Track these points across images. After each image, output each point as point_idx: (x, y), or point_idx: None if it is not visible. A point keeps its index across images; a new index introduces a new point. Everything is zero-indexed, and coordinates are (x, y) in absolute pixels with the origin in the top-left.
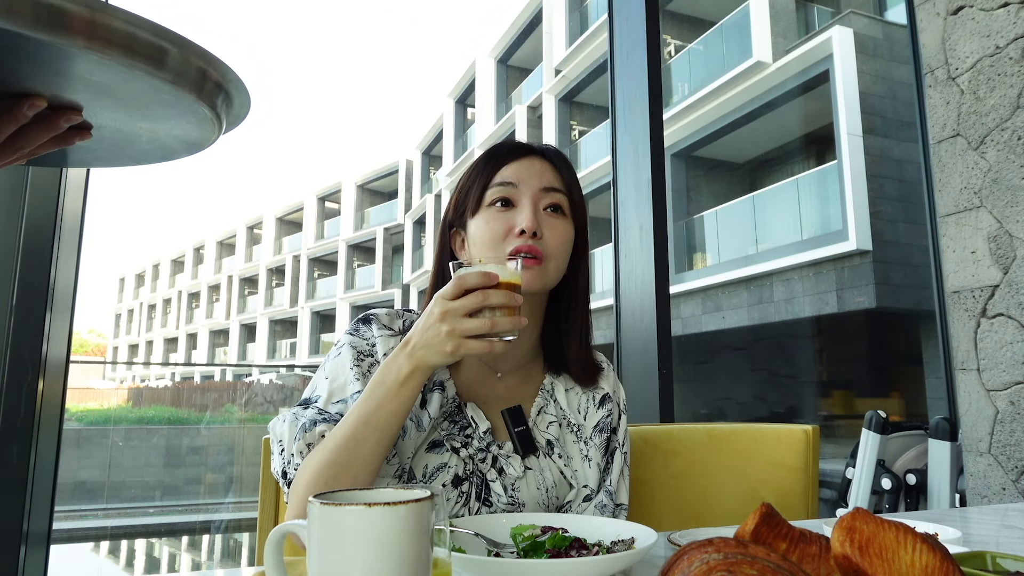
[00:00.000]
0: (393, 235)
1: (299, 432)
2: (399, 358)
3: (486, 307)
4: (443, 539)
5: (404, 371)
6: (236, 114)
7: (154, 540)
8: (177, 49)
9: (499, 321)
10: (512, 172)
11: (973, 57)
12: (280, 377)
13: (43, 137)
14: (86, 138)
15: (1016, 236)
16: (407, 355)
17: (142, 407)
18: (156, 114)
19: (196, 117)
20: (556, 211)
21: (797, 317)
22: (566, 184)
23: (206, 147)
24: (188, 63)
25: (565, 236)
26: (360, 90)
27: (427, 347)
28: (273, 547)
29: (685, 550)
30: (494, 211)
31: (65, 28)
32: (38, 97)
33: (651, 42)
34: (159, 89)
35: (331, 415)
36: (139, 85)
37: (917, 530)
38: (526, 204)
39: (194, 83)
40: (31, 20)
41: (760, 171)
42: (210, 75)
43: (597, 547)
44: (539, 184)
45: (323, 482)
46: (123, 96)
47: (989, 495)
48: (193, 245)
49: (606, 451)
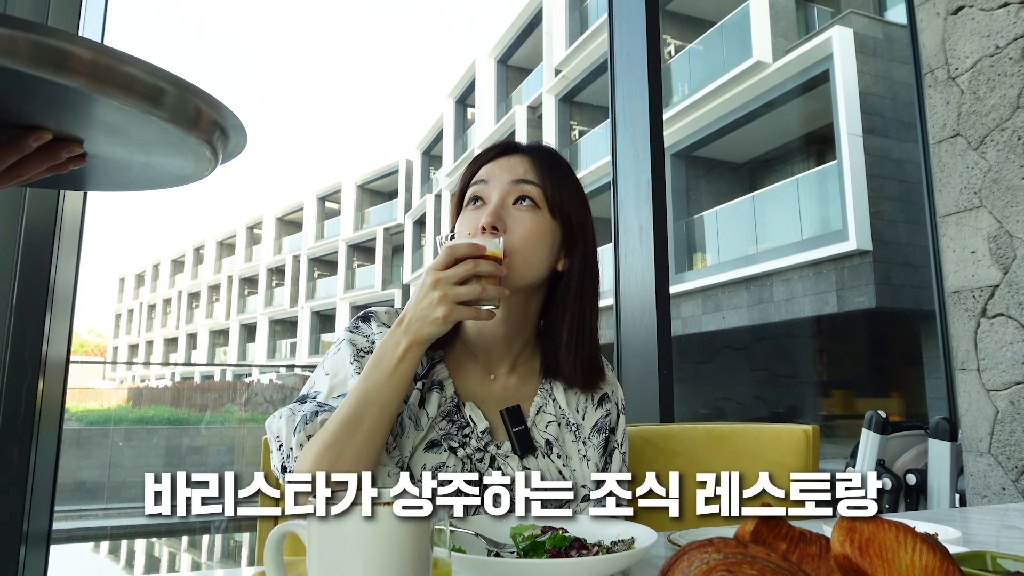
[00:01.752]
0: (393, 235)
1: (299, 424)
2: (395, 335)
3: (475, 275)
4: (443, 539)
5: (402, 346)
6: (231, 150)
7: (154, 540)
8: (175, 89)
9: (487, 288)
10: (486, 170)
11: (973, 57)
12: (280, 377)
13: (42, 167)
14: (80, 164)
15: (1016, 236)
16: (403, 331)
17: (142, 407)
18: (154, 149)
19: (193, 153)
20: (526, 202)
21: (797, 317)
22: (541, 175)
23: (198, 180)
24: (186, 103)
25: (533, 229)
26: (360, 90)
27: (421, 319)
28: (273, 547)
29: (685, 550)
30: (468, 211)
31: (66, 69)
32: (44, 130)
33: (651, 42)
34: (158, 127)
35: (331, 407)
36: (139, 123)
37: (917, 530)
38: (494, 197)
39: (192, 122)
40: (33, 61)
41: (760, 171)
42: (207, 114)
43: (597, 547)
44: (509, 177)
45: (326, 463)
46: (124, 132)
47: (989, 495)
48: (193, 245)
49: (604, 451)
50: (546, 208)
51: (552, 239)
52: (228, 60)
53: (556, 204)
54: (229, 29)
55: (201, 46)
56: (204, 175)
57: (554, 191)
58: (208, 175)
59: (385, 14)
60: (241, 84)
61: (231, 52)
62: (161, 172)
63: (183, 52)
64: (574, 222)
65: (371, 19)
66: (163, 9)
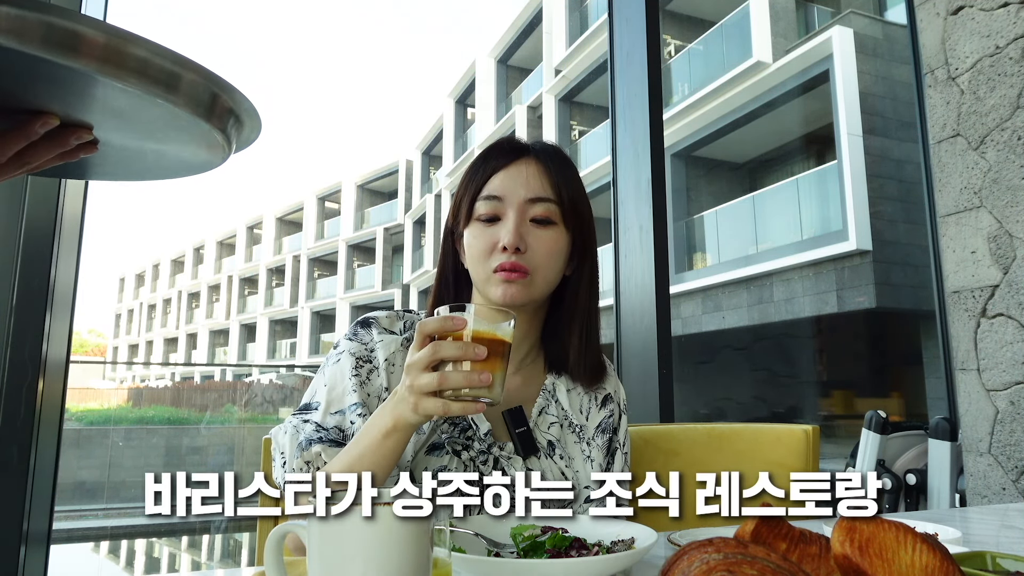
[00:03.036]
0: (393, 235)
1: (297, 450)
2: (384, 409)
3: (439, 359)
4: (443, 539)
5: (387, 425)
6: (246, 138)
7: (154, 540)
8: (189, 74)
9: (449, 377)
10: (498, 184)
11: (973, 57)
12: (280, 377)
13: (51, 153)
14: (91, 152)
15: (1016, 236)
16: (390, 408)
17: (142, 407)
18: (166, 136)
19: (206, 141)
20: (544, 222)
21: (797, 317)
22: (556, 188)
23: (212, 169)
24: (199, 88)
25: (553, 247)
26: (360, 90)
27: (400, 402)
28: (273, 547)
29: (685, 550)
30: (480, 226)
31: (77, 52)
32: (51, 115)
33: (651, 42)
34: (171, 113)
35: (327, 433)
36: (151, 109)
37: (917, 530)
38: (511, 217)
39: (206, 108)
40: (43, 43)
41: (760, 171)
42: (222, 100)
43: (597, 547)
44: (525, 195)
45: None
46: (135, 118)
47: (989, 495)
48: (193, 245)
49: (607, 452)
50: (561, 222)
51: (567, 250)
52: (228, 59)
53: (570, 217)
54: (229, 29)
55: (201, 45)
56: (218, 164)
57: (569, 203)
58: (222, 163)
59: (385, 14)
60: (241, 84)
61: (231, 52)
62: (174, 160)
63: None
64: (585, 232)
65: (371, 19)
66: (163, 8)
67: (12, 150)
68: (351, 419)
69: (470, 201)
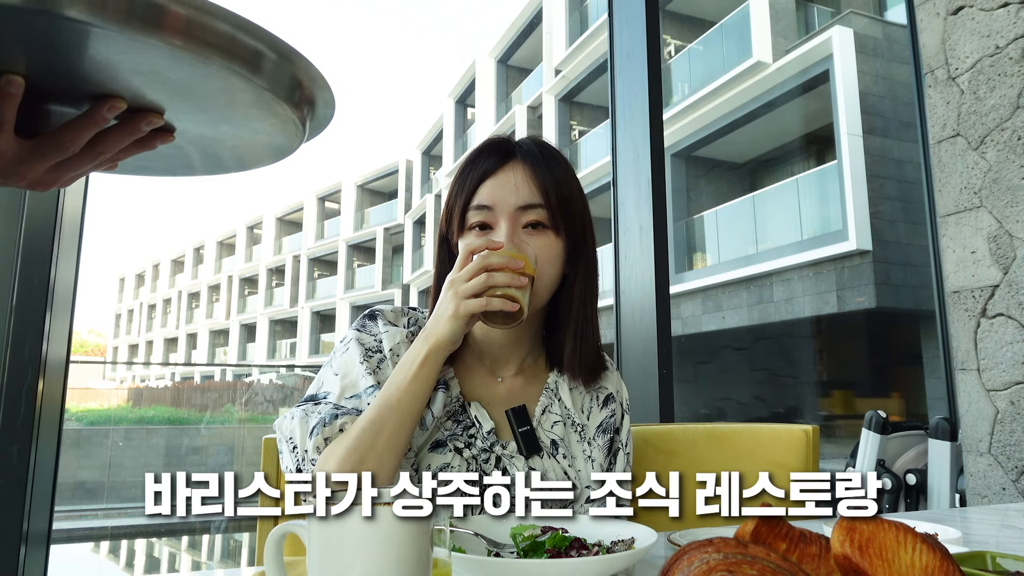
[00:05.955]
0: (393, 235)
1: (317, 427)
2: (418, 342)
3: (486, 269)
4: (443, 539)
5: (422, 352)
6: (319, 123)
7: (154, 540)
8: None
9: (495, 276)
10: (488, 193)
11: (973, 57)
12: (280, 377)
13: (124, 141)
14: (168, 141)
15: (1016, 236)
16: (424, 338)
17: (142, 407)
18: (240, 117)
19: (281, 122)
20: (536, 228)
21: (797, 317)
22: (545, 192)
23: (288, 154)
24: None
25: (548, 253)
26: (360, 90)
27: (437, 321)
28: (273, 547)
29: (685, 550)
30: (473, 236)
31: (160, 27)
32: (118, 99)
33: (651, 42)
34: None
35: (348, 409)
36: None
37: (917, 530)
38: (503, 227)
39: (286, 89)
40: (125, 17)
41: (760, 171)
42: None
43: (597, 547)
44: (515, 202)
45: (348, 468)
46: (206, 98)
47: (989, 495)
48: (193, 245)
49: (609, 451)
50: (553, 226)
51: (562, 254)
52: None
53: (562, 220)
54: None
55: None
56: (294, 148)
57: (559, 205)
58: (297, 148)
59: (385, 14)
60: None
61: None
62: (251, 146)
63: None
64: (578, 231)
65: (371, 19)
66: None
67: (83, 138)
68: (367, 401)
69: (461, 211)
